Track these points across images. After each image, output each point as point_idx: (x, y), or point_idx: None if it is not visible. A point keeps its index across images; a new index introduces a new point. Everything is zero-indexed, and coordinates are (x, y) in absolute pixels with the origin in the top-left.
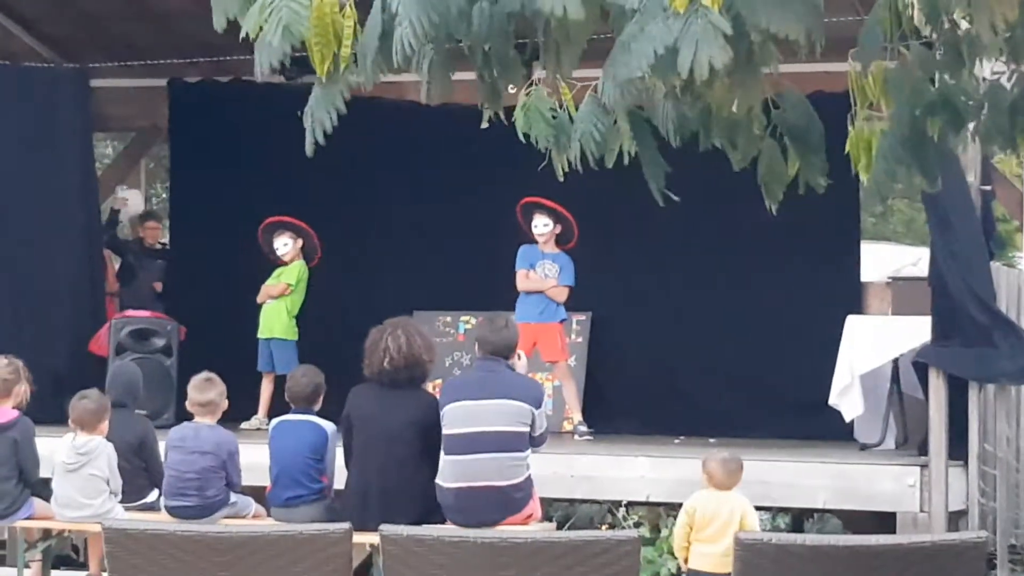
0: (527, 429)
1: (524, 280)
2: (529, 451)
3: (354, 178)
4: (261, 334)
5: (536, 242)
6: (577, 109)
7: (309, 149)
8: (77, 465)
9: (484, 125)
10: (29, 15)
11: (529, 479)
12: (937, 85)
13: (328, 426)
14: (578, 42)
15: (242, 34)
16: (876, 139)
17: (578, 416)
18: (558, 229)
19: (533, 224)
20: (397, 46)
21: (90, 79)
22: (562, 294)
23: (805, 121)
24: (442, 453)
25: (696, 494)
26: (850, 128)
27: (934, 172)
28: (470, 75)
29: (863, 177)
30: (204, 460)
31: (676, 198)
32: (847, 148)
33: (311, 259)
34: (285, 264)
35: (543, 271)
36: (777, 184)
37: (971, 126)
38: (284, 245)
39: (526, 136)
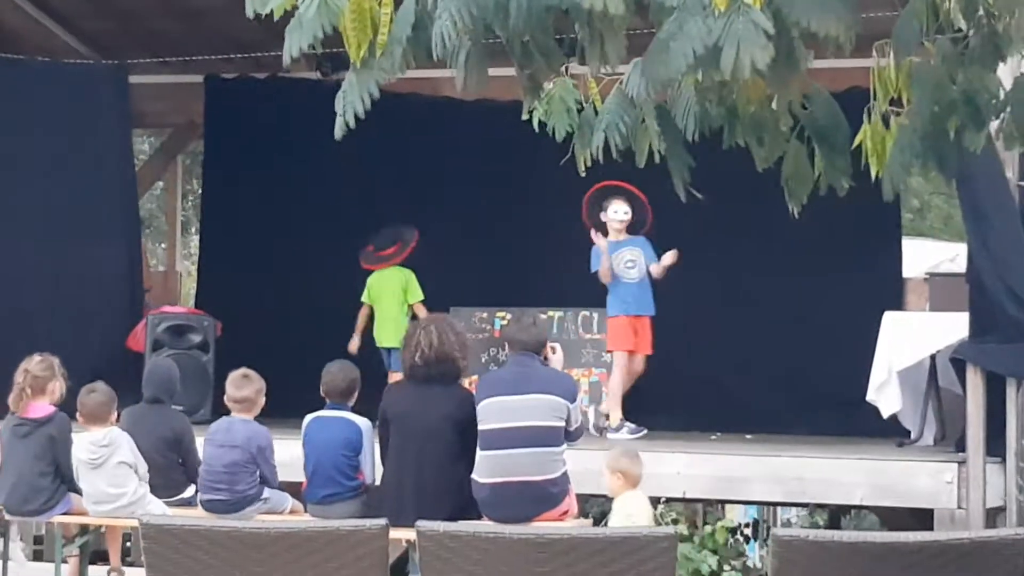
0: (562, 424)
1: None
2: (565, 446)
3: (389, 174)
4: (388, 343)
5: (606, 234)
6: (603, 103)
7: (338, 133)
8: (101, 459)
9: (524, 116)
10: (67, 12)
11: (565, 475)
12: (960, 82)
13: (362, 422)
14: (621, 33)
15: (266, 9)
16: (892, 133)
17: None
18: (630, 217)
19: (611, 211)
20: (436, 39)
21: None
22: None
23: (831, 121)
24: (478, 449)
25: (625, 499)
26: (865, 121)
27: (952, 168)
28: (506, 71)
29: (873, 170)
30: (233, 454)
31: (699, 195)
32: (857, 140)
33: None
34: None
35: (623, 260)
36: (801, 186)
37: (994, 124)
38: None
39: (542, 125)
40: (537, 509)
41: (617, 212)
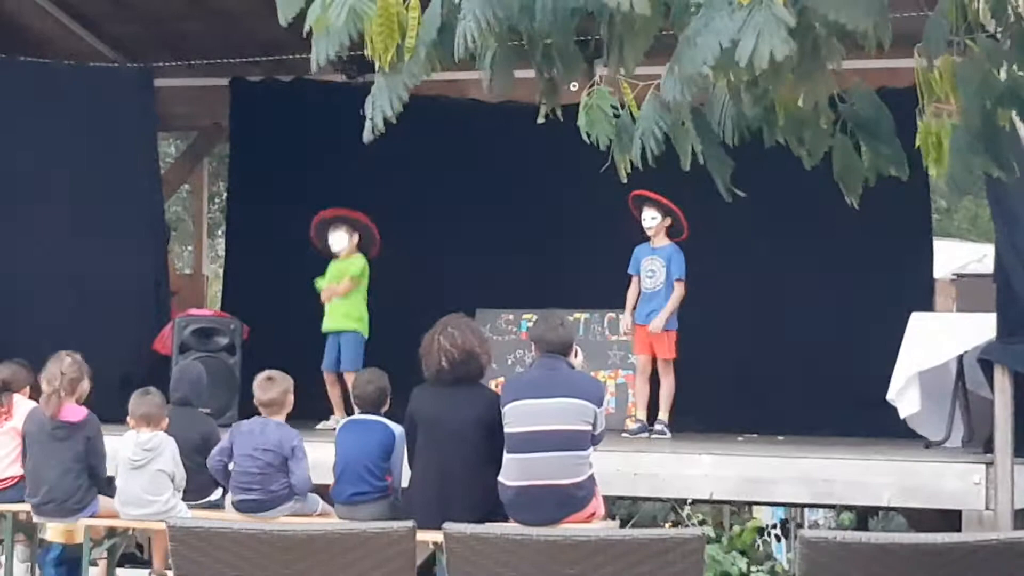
0: (589, 428)
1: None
2: (591, 450)
3: (415, 177)
4: (328, 327)
5: (648, 239)
6: (639, 108)
7: (367, 136)
8: (143, 461)
9: (540, 120)
10: (93, 16)
11: (591, 478)
12: (1005, 77)
13: (397, 428)
14: (643, 36)
15: (305, 28)
16: (946, 134)
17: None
18: (667, 222)
19: (642, 217)
20: (460, 40)
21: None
22: (677, 297)
23: (874, 112)
24: (505, 451)
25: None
26: (919, 123)
27: (1010, 162)
28: (531, 73)
29: (932, 172)
30: (267, 456)
31: (742, 193)
32: (917, 143)
33: (369, 253)
34: (336, 259)
35: (648, 268)
36: (855, 180)
37: None
38: (339, 241)
39: (587, 135)
40: (563, 512)
41: (645, 219)
